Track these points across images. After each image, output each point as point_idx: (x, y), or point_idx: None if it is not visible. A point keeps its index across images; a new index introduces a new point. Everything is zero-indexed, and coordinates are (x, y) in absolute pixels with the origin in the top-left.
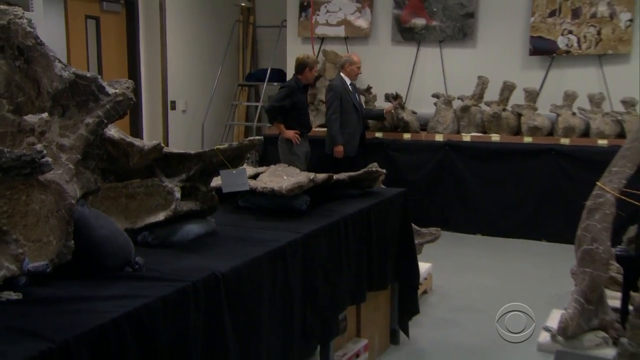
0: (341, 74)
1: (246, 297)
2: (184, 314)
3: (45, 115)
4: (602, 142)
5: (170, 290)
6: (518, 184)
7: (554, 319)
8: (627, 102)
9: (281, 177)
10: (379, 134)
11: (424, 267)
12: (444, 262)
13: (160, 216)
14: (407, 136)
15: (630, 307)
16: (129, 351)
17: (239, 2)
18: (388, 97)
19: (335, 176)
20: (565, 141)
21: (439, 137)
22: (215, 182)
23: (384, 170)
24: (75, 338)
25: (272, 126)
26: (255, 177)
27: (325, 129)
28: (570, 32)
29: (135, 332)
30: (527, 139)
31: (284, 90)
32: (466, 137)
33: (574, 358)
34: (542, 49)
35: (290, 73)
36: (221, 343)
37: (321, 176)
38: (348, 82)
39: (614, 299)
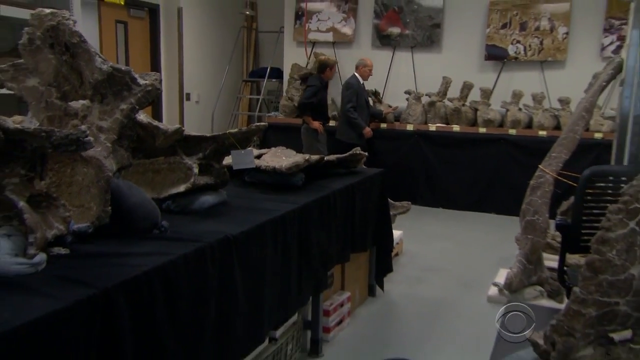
0: (355, 73)
1: (253, 255)
2: (202, 268)
3: (87, 101)
4: (542, 132)
5: (191, 249)
6: (473, 166)
7: (501, 276)
8: (563, 101)
9: (280, 158)
10: None
11: (396, 233)
12: (413, 230)
13: (181, 188)
14: (383, 125)
15: (566, 268)
16: (157, 297)
17: (244, 11)
18: (368, 93)
19: (325, 157)
20: (512, 132)
21: (409, 127)
22: (227, 160)
23: (366, 154)
24: (115, 286)
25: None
26: (258, 157)
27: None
28: (518, 41)
29: (162, 282)
30: (482, 130)
31: (311, 89)
32: (432, 127)
33: (523, 308)
34: (495, 55)
35: (286, 71)
36: (232, 292)
37: (314, 157)
38: (361, 81)
39: (549, 260)
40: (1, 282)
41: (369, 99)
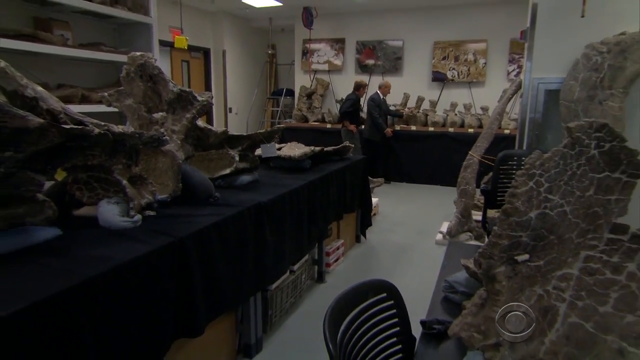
0: (378, 91)
1: (277, 216)
2: (243, 224)
3: (164, 113)
4: (471, 130)
5: (235, 212)
6: (426, 153)
7: (444, 227)
8: (483, 108)
9: (294, 150)
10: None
11: (374, 200)
12: (385, 197)
13: (227, 170)
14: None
15: (487, 220)
16: (214, 243)
17: (267, 51)
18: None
19: (325, 148)
20: (451, 130)
21: None
22: (257, 151)
23: (353, 145)
24: (187, 236)
25: (337, 123)
26: (279, 149)
27: (312, 124)
28: (454, 68)
29: (217, 233)
30: (431, 128)
31: (349, 101)
32: (397, 127)
33: (458, 246)
34: (439, 78)
35: (297, 91)
36: (263, 240)
37: (317, 148)
38: (382, 96)
39: (475, 215)
40: (114, 233)
41: (393, 105)
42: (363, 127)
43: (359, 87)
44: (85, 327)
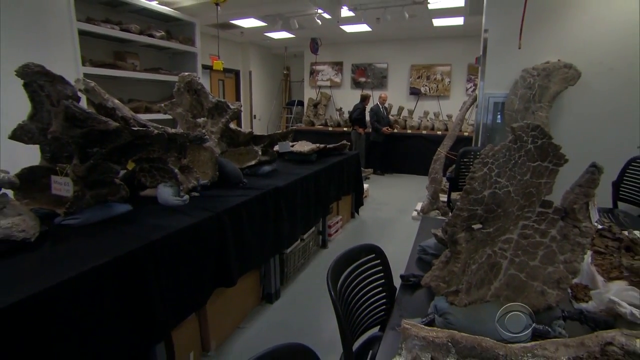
0: (377, 102)
1: (290, 196)
2: (264, 203)
3: (205, 118)
4: (439, 132)
5: (258, 193)
6: (405, 150)
7: (418, 206)
8: (448, 116)
9: (304, 147)
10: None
11: (365, 185)
12: (374, 184)
13: (252, 162)
14: (360, 130)
15: (452, 199)
16: (242, 217)
17: (283, 71)
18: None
19: (327, 146)
20: (424, 132)
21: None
22: (276, 148)
23: (349, 143)
24: (223, 211)
25: (350, 126)
26: (292, 146)
27: (317, 127)
28: (426, 85)
29: (245, 210)
30: (409, 131)
31: (358, 110)
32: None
33: (429, 220)
34: (415, 92)
35: (306, 102)
36: (280, 215)
37: (321, 146)
38: (380, 106)
39: (442, 197)
40: (169, 208)
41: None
42: (369, 131)
43: (365, 99)
44: (151, 276)
